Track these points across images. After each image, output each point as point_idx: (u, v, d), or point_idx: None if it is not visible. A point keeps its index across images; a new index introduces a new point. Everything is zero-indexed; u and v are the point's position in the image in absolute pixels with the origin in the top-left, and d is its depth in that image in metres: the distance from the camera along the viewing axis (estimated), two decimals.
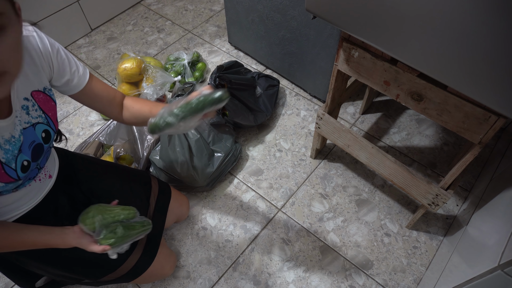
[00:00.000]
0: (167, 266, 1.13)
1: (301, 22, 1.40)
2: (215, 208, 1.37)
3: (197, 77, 1.73)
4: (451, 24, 0.64)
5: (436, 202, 1.07)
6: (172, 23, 2.08)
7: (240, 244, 1.28)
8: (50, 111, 0.79)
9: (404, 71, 0.88)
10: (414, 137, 1.54)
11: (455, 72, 0.70)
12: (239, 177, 1.45)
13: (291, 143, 1.54)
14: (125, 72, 1.59)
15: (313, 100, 1.68)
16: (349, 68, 1.02)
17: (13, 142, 0.70)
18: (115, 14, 2.12)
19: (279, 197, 1.39)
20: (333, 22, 0.85)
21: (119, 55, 1.90)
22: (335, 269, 1.22)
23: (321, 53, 1.44)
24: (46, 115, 0.78)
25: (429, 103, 0.89)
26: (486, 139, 0.84)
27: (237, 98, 1.39)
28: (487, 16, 0.59)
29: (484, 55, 0.63)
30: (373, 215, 1.34)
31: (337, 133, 1.22)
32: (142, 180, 1.11)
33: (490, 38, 0.61)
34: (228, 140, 1.40)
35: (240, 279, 1.21)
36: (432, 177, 1.42)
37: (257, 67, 1.82)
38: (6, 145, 0.69)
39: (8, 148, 0.69)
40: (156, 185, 1.13)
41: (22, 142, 0.72)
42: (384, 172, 1.17)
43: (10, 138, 0.69)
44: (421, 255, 1.25)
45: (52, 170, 0.88)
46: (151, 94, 1.56)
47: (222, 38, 1.97)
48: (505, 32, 0.58)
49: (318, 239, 1.28)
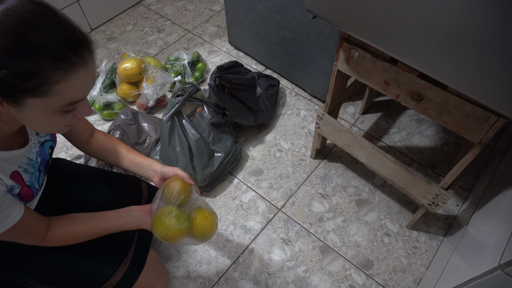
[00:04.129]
0: (158, 284, 1.08)
1: (301, 22, 1.40)
2: (215, 208, 1.37)
3: (197, 77, 1.73)
4: (451, 24, 0.64)
5: (436, 202, 1.07)
6: (172, 23, 2.08)
7: (240, 244, 1.28)
8: None
9: (404, 71, 0.88)
10: (414, 137, 1.54)
11: (455, 72, 0.70)
12: (239, 177, 1.45)
13: (291, 143, 1.54)
14: (125, 72, 1.59)
15: (313, 100, 1.68)
16: (349, 68, 1.02)
17: (33, 165, 0.73)
18: (115, 14, 2.12)
19: (279, 197, 1.39)
20: (333, 22, 0.85)
21: (119, 55, 1.90)
22: (335, 269, 1.22)
23: (321, 53, 1.44)
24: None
25: (429, 103, 0.89)
26: (486, 139, 0.84)
27: (237, 98, 1.39)
28: (487, 15, 0.59)
29: (484, 55, 0.63)
30: (373, 215, 1.34)
31: (337, 133, 1.22)
32: (131, 184, 1.10)
33: (490, 38, 0.61)
34: (228, 140, 1.40)
35: (240, 279, 1.21)
36: (432, 177, 1.42)
37: (257, 67, 1.82)
38: (30, 169, 0.73)
39: (32, 172, 0.73)
40: (145, 190, 1.13)
41: (40, 162, 0.75)
42: (384, 172, 1.17)
43: (29, 161, 0.73)
44: (421, 255, 1.25)
45: None
46: (151, 94, 1.56)
47: (222, 38, 1.97)
48: (505, 32, 0.58)
49: (318, 239, 1.28)
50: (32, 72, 0.54)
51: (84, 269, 0.90)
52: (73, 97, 0.60)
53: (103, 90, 1.63)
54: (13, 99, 0.57)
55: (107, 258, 0.95)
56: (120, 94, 1.63)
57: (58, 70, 0.56)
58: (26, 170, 0.71)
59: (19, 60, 0.53)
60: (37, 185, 0.75)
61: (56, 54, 0.55)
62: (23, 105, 0.58)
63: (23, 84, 0.55)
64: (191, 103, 1.40)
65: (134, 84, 1.65)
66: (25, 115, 0.60)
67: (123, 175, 1.13)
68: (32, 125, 0.65)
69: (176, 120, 1.29)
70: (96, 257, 0.93)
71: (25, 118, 0.62)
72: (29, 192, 0.72)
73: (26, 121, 0.63)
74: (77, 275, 0.90)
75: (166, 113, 1.28)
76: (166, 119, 1.28)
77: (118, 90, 1.64)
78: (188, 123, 1.32)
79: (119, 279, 0.95)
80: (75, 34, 0.58)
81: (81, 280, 0.91)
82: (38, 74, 0.55)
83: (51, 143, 0.81)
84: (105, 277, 0.93)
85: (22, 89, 0.56)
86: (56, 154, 1.52)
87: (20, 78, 0.54)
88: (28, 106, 0.58)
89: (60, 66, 0.56)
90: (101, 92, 1.61)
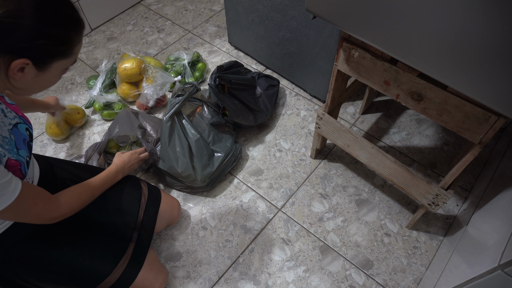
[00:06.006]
0: (157, 283, 1.08)
1: (301, 22, 1.40)
2: (215, 208, 1.37)
3: (197, 77, 1.73)
4: (452, 23, 0.64)
5: (436, 202, 1.07)
6: (172, 23, 2.08)
7: (240, 244, 1.28)
8: (19, 111, 0.84)
9: (404, 71, 0.88)
10: (414, 137, 1.54)
11: (455, 72, 0.70)
12: (239, 177, 1.45)
13: (291, 143, 1.54)
14: (125, 72, 1.59)
15: (313, 100, 1.68)
16: (349, 68, 1.02)
17: (8, 142, 0.74)
18: (115, 14, 2.12)
19: (279, 197, 1.39)
20: (333, 22, 0.85)
21: (119, 55, 1.90)
22: (335, 269, 1.22)
23: (321, 53, 1.44)
24: (20, 116, 0.83)
25: (429, 103, 0.89)
26: (486, 139, 0.84)
27: (237, 98, 1.39)
28: (487, 15, 0.59)
29: (484, 55, 0.63)
30: (373, 215, 1.34)
31: (337, 133, 1.22)
32: (131, 184, 1.10)
33: (490, 38, 0.61)
34: (228, 140, 1.40)
35: (240, 279, 1.21)
36: (432, 177, 1.42)
37: (257, 67, 1.82)
38: (6, 146, 0.73)
39: (8, 148, 0.73)
40: (146, 189, 1.13)
41: (15, 140, 0.76)
42: (384, 172, 1.17)
43: (3, 139, 0.73)
44: (421, 255, 1.25)
45: (35, 177, 0.89)
46: (151, 94, 1.56)
47: (222, 38, 1.97)
48: (505, 32, 0.58)
49: (318, 239, 1.28)
50: (64, 38, 0.66)
51: (83, 267, 0.91)
52: (78, 55, 0.72)
53: (103, 90, 1.63)
54: (43, 64, 0.66)
55: (106, 256, 0.95)
56: (120, 94, 1.63)
57: (77, 33, 0.68)
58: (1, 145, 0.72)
59: (56, 29, 0.63)
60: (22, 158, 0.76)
61: (76, 20, 0.67)
62: (48, 68, 0.67)
63: (57, 49, 0.66)
64: (191, 103, 1.40)
65: (134, 84, 1.66)
66: (40, 78, 0.68)
67: None
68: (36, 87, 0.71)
69: (176, 120, 1.29)
70: (95, 255, 0.93)
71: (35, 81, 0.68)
72: (16, 164, 0.73)
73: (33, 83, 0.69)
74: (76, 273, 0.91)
75: (166, 113, 1.28)
76: (166, 119, 1.28)
77: (118, 90, 1.64)
78: (188, 123, 1.32)
79: (117, 277, 0.96)
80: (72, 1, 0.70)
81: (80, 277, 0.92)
82: (68, 40, 0.66)
83: (25, 125, 0.83)
84: (104, 274, 0.94)
85: (56, 53, 0.66)
86: (56, 154, 1.52)
87: (56, 44, 0.65)
88: (52, 69, 0.68)
89: (78, 30, 0.68)
90: (101, 92, 1.61)
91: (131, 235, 1.03)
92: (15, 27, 0.59)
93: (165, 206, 1.17)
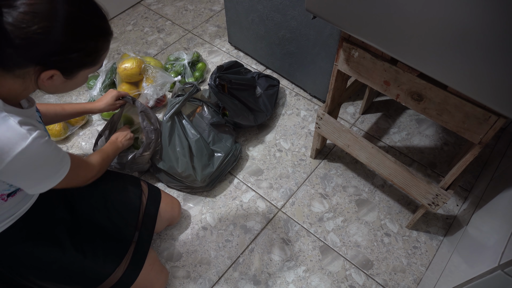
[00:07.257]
0: (158, 283, 1.09)
1: (301, 22, 1.40)
2: (215, 208, 1.37)
3: (197, 77, 1.73)
4: (451, 23, 0.64)
5: (436, 202, 1.07)
6: (172, 23, 2.08)
7: (240, 244, 1.28)
8: None
9: (404, 71, 0.88)
10: (414, 137, 1.54)
11: (455, 72, 0.70)
12: (239, 177, 1.45)
13: (291, 143, 1.54)
14: (125, 72, 1.58)
15: (313, 100, 1.68)
16: (349, 68, 1.02)
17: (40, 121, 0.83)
18: (115, 14, 2.12)
19: (279, 197, 1.39)
20: (333, 22, 0.85)
21: (119, 55, 1.90)
22: (335, 269, 1.22)
23: (321, 53, 1.44)
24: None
25: (429, 103, 0.89)
26: (486, 139, 0.84)
27: (237, 98, 1.39)
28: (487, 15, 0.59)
29: (484, 54, 0.63)
30: (373, 215, 1.34)
31: (337, 133, 1.22)
32: (131, 183, 1.11)
33: (490, 38, 0.61)
34: (228, 140, 1.40)
35: (240, 279, 1.21)
36: (432, 177, 1.42)
37: (257, 67, 1.82)
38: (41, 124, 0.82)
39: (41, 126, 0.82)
40: (146, 188, 1.13)
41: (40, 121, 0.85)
42: (384, 172, 1.17)
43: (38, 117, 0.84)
44: (421, 255, 1.25)
45: None
46: (151, 94, 1.56)
47: (222, 38, 1.97)
48: (505, 32, 0.58)
49: (318, 239, 1.28)
50: (94, 49, 0.68)
51: (85, 267, 0.91)
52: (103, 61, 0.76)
53: (103, 90, 1.63)
54: (71, 73, 0.68)
55: (108, 256, 0.96)
56: None
57: (106, 42, 0.70)
58: (40, 122, 0.82)
59: (86, 42, 0.65)
60: None
61: (105, 30, 0.69)
62: (75, 76, 0.70)
63: (85, 60, 0.68)
64: (191, 103, 1.40)
65: (134, 84, 1.65)
66: (67, 83, 0.71)
67: (123, 174, 1.13)
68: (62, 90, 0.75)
69: (176, 120, 1.29)
70: (97, 255, 0.94)
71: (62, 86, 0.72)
72: None
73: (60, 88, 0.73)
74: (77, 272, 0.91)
75: (166, 113, 1.28)
76: (166, 119, 1.28)
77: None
78: (188, 123, 1.32)
79: (118, 277, 0.96)
80: (102, 9, 0.71)
81: (82, 277, 0.92)
82: (96, 50, 0.69)
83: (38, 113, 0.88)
84: (105, 275, 0.94)
85: (84, 63, 0.69)
86: None
87: (86, 56, 0.67)
88: (78, 76, 0.71)
89: (107, 39, 0.70)
90: (101, 92, 1.61)
91: (133, 234, 1.03)
92: (46, 42, 0.61)
93: (165, 206, 1.17)
